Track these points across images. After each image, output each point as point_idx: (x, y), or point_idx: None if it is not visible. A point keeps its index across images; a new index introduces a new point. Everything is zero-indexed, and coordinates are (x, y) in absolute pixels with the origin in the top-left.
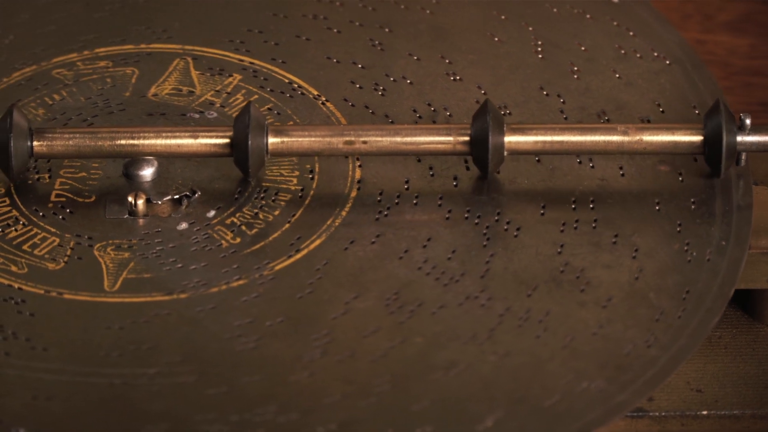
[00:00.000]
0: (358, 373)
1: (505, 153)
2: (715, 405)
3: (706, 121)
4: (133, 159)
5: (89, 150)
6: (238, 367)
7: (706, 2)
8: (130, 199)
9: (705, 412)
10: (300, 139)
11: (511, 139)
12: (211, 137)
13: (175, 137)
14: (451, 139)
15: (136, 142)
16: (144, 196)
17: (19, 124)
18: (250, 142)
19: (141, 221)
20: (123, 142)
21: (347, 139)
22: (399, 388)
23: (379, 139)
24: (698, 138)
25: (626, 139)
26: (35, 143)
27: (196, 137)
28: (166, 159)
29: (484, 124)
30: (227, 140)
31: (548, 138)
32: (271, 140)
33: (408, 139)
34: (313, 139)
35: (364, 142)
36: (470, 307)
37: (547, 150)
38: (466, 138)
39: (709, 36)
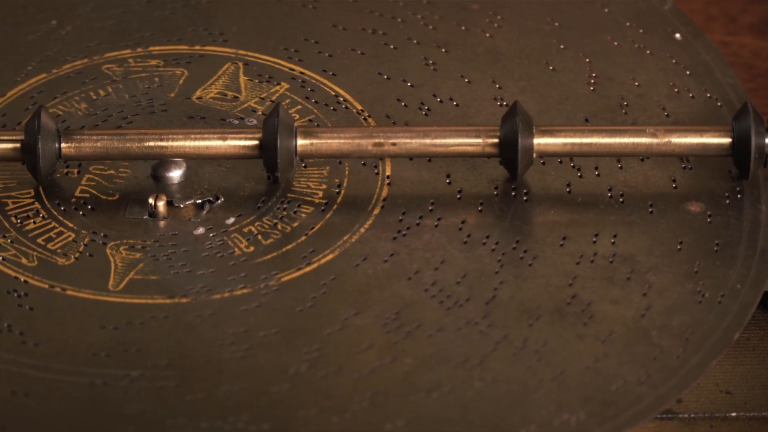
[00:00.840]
0: (340, 388)
1: (534, 155)
2: (744, 407)
3: (735, 123)
4: (162, 161)
5: (117, 152)
6: (221, 375)
7: (729, 4)
8: (150, 200)
9: (734, 414)
10: (329, 141)
11: (540, 141)
12: (239, 139)
13: (203, 139)
14: (480, 141)
15: (164, 144)
16: (164, 198)
17: (47, 125)
18: (279, 143)
19: (160, 223)
20: (151, 144)
21: (376, 140)
22: (377, 406)
23: (408, 141)
24: (727, 140)
25: (655, 141)
26: (63, 145)
27: (225, 139)
28: (196, 162)
29: (513, 126)
30: (256, 142)
31: (577, 140)
32: (300, 142)
33: (437, 141)
34: (342, 141)
35: (393, 144)
36: (468, 332)
37: (576, 152)
38: (495, 140)
39: (733, 38)
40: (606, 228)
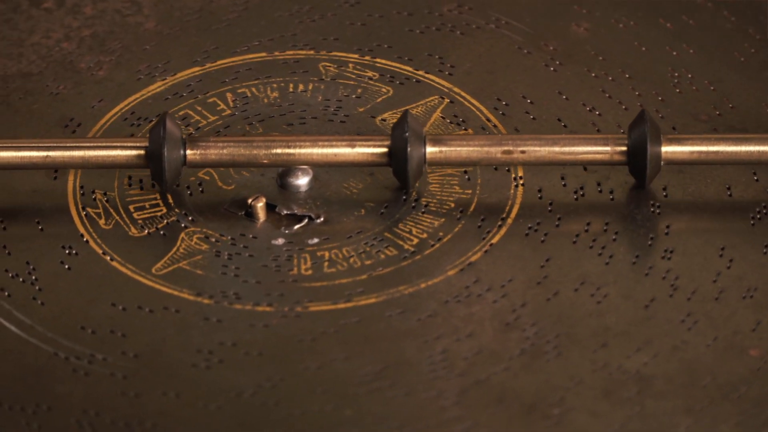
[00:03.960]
0: (253, 416)
1: (662, 163)
2: None
3: None
4: (289, 168)
5: (243, 159)
6: (170, 378)
7: None
8: (249, 200)
9: None
10: (458, 149)
11: (667, 149)
12: (368, 146)
13: (331, 146)
14: (608, 149)
15: (291, 151)
16: (263, 200)
17: (172, 132)
18: (409, 151)
19: (249, 223)
20: (278, 150)
21: (505, 148)
22: None
23: (537, 148)
24: None
25: None
26: (188, 152)
27: (353, 146)
28: (326, 172)
29: (642, 134)
30: (385, 149)
31: (704, 148)
32: (429, 149)
33: (566, 149)
34: (471, 148)
35: (522, 152)
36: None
37: (703, 160)
38: (624, 148)
39: None
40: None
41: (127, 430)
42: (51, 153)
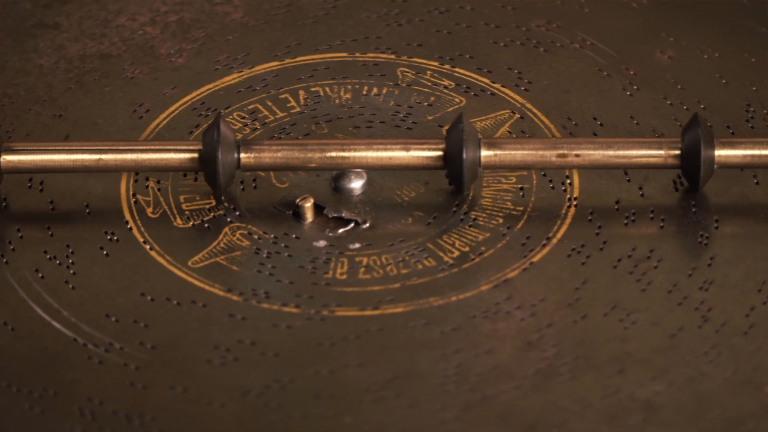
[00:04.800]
0: (252, 416)
1: (715, 166)
2: None
3: None
4: (343, 171)
5: (298, 162)
6: (181, 372)
7: None
8: (298, 200)
9: None
10: (513, 152)
11: (721, 152)
12: (423, 149)
13: (386, 149)
14: (662, 152)
15: (346, 154)
16: (311, 200)
17: (227, 136)
18: (464, 155)
19: (295, 223)
20: (333, 154)
21: (560, 152)
22: None
23: (592, 152)
24: None
25: None
26: (242, 155)
27: (408, 149)
28: (381, 177)
29: (695, 138)
30: (440, 153)
31: (757, 152)
32: (484, 153)
33: (620, 152)
34: (526, 152)
35: (577, 156)
36: None
37: (756, 164)
38: (677, 151)
39: None
40: None
41: (126, 421)
42: (103, 156)
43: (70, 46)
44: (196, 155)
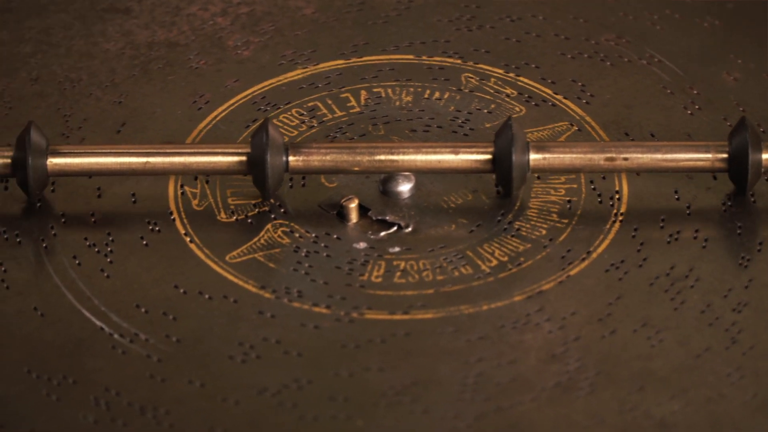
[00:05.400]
0: (264, 415)
1: (762, 170)
2: None
3: None
4: (391, 174)
5: (346, 165)
6: (201, 367)
7: None
8: (343, 201)
9: None
10: (561, 156)
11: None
12: (472, 153)
13: (435, 153)
14: (709, 156)
15: (395, 157)
16: (356, 201)
17: (275, 139)
18: (513, 158)
19: (338, 224)
20: (382, 157)
21: (608, 155)
22: None
23: (640, 155)
24: None
25: None
26: (291, 158)
27: (456, 153)
28: (430, 182)
29: (743, 141)
30: (489, 156)
31: None
32: (533, 156)
33: (668, 156)
34: (574, 155)
35: (625, 159)
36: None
37: None
38: (725, 155)
39: None
40: None
41: (139, 413)
42: (151, 159)
43: (138, 33)
44: (244, 158)
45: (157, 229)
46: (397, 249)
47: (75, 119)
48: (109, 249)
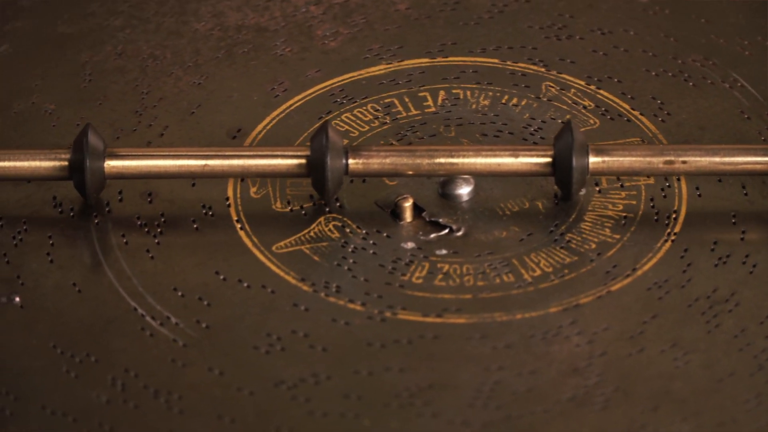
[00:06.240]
0: (275, 408)
1: None
2: None
3: None
4: (450, 177)
5: (406, 168)
6: (224, 355)
7: None
8: (397, 199)
9: None
10: (621, 159)
11: None
12: (531, 156)
13: (495, 156)
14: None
15: (455, 160)
16: (411, 201)
17: (335, 142)
18: (573, 161)
19: (391, 222)
20: (442, 160)
21: (667, 158)
22: None
23: (699, 159)
24: None
25: None
26: (350, 161)
27: (516, 156)
28: (489, 188)
29: None
30: (549, 159)
31: None
32: (593, 159)
33: (726, 159)
34: (633, 158)
35: (684, 162)
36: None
37: None
38: None
39: None
40: None
41: (152, 397)
42: (210, 162)
43: (229, 15)
44: (303, 161)
45: (210, 213)
46: (443, 252)
47: (151, 97)
48: (159, 230)
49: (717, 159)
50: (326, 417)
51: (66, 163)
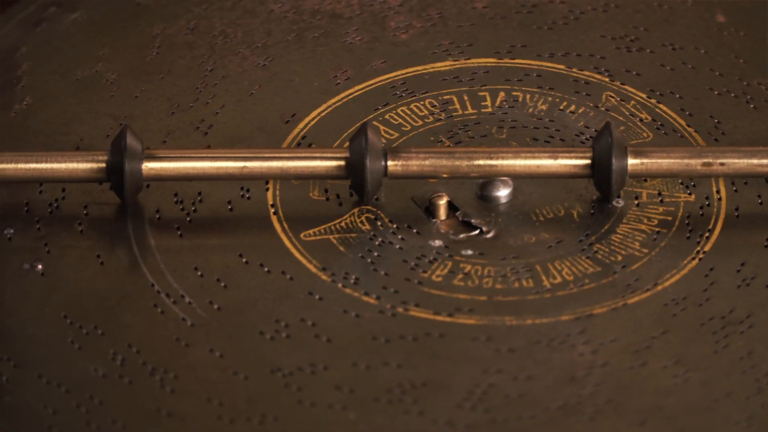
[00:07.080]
0: (266, 395)
1: None
2: None
3: None
4: (489, 179)
5: (445, 170)
6: (229, 339)
7: None
8: (432, 196)
9: None
10: (659, 161)
11: None
12: (570, 158)
13: (534, 158)
14: None
15: (494, 162)
16: (446, 199)
17: (374, 144)
18: (612, 162)
19: (423, 219)
20: (481, 162)
21: (705, 160)
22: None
23: (737, 161)
24: None
25: None
26: (389, 163)
27: (555, 158)
28: (528, 192)
29: None
30: (587, 161)
31: None
32: (631, 161)
33: (765, 161)
34: (672, 160)
35: (722, 164)
36: None
37: None
38: None
39: None
40: None
41: (149, 374)
42: (248, 164)
43: None
44: (343, 163)
45: (247, 196)
46: (469, 252)
47: (213, 75)
48: (193, 208)
49: (755, 161)
50: (314, 407)
51: (104, 165)
